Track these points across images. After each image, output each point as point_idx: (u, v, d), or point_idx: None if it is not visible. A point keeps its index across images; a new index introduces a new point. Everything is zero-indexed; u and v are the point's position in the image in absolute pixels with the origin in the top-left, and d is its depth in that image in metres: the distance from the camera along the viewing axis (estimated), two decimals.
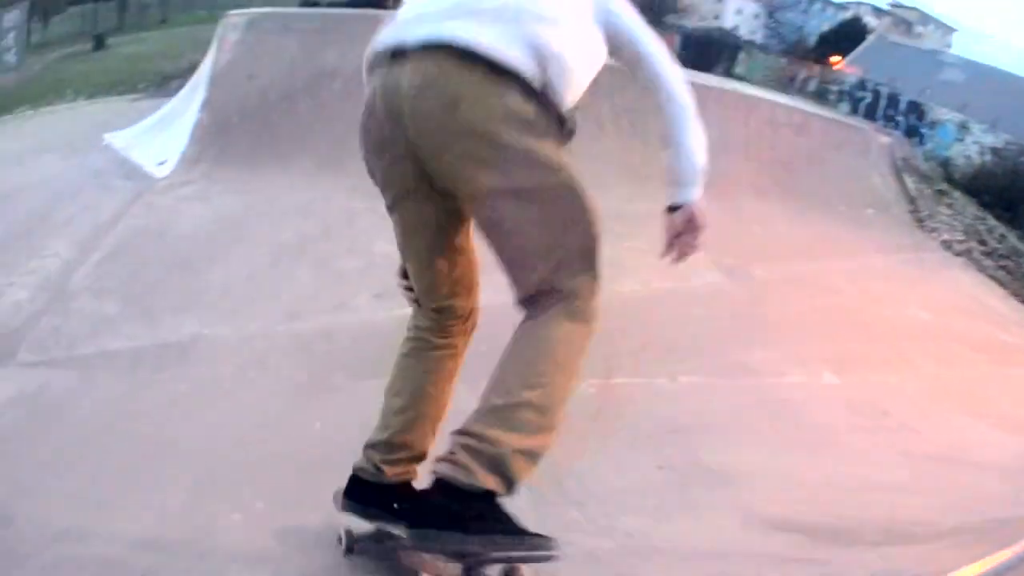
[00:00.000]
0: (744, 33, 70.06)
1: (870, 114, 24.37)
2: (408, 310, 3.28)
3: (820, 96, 26.08)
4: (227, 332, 5.54)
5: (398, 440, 2.90)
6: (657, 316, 6.61)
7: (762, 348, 6.45)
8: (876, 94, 25.02)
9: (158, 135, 10.35)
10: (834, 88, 26.44)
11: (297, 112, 9.72)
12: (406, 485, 2.91)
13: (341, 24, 10.82)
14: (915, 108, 23.88)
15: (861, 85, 25.91)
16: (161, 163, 8.91)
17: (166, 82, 17.51)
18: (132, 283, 6.24)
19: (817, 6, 75.02)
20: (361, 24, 10.41)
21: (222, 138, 9.29)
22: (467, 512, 2.31)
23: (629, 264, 6.74)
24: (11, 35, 25.91)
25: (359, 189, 7.97)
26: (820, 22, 69.07)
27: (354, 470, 2.96)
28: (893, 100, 24.67)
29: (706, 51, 31.67)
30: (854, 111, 24.89)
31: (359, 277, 6.44)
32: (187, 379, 4.84)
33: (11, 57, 25.47)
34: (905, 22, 76.53)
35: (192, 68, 13.06)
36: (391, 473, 2.88)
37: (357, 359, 5.16)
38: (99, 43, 34.05)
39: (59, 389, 4.64)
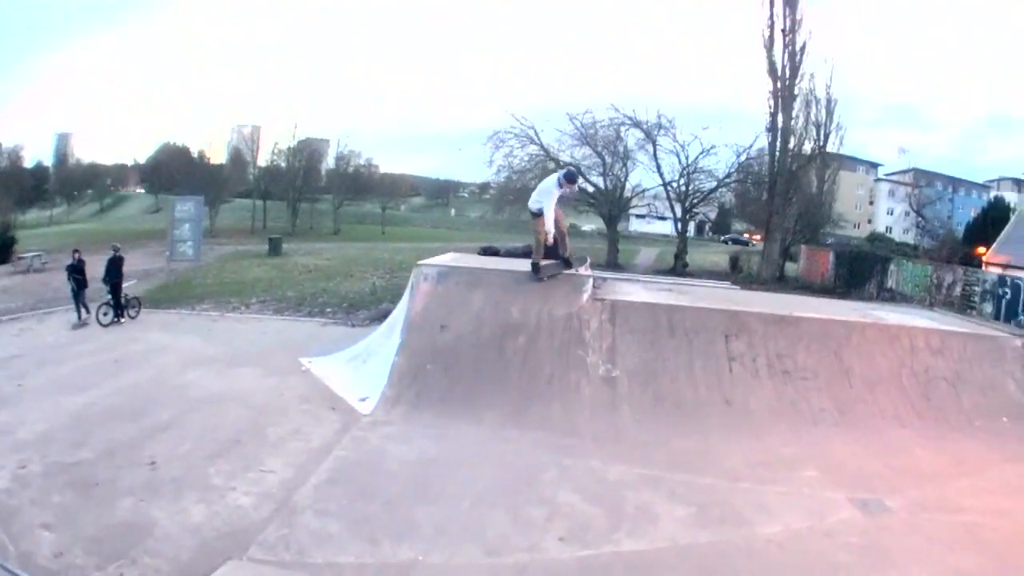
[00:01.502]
0: (897, 233, 72.09)
1: (1012, 309, 24.49)
2: None
3: (966, 299, 26.57)
4: (438, 560, 6.46)
5: None
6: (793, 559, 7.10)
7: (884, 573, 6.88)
8: (1016, 288, 25.20)
9: (357, 370, 11.67)
10: (977, 289, 26.86)
11: (485, 364, 10.90)
12: None
13: (524, 282, 12.28)
14: None
15: (1001, 282, 26.13)
16: (363, 399, 10.12)
17: (353, 311, 19.27)
18: (351, 508, 7.25)
19: (961, 193, 75.41)
20: (540, 283, 11.99)
21: (417, 383, 10.55)
22: None
23: (773, 506, 7.86)
24: (186, 227, 28.02)
25: (543, 444, 9.05)
26: (967, 208, 69.25)
27: None
28: None
29: (858, 267, 32.98)
30: (998, 309, 25.07)
31: (545, 523, 7.31)
32: None
33: (187, 249, 27.53)
34: None
35: (374, 298, 14.71)
36: None
37: None
38: (275, 248, 36.76)
39: None
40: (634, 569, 6.58)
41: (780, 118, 35.58)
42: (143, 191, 74.61)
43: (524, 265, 12.97)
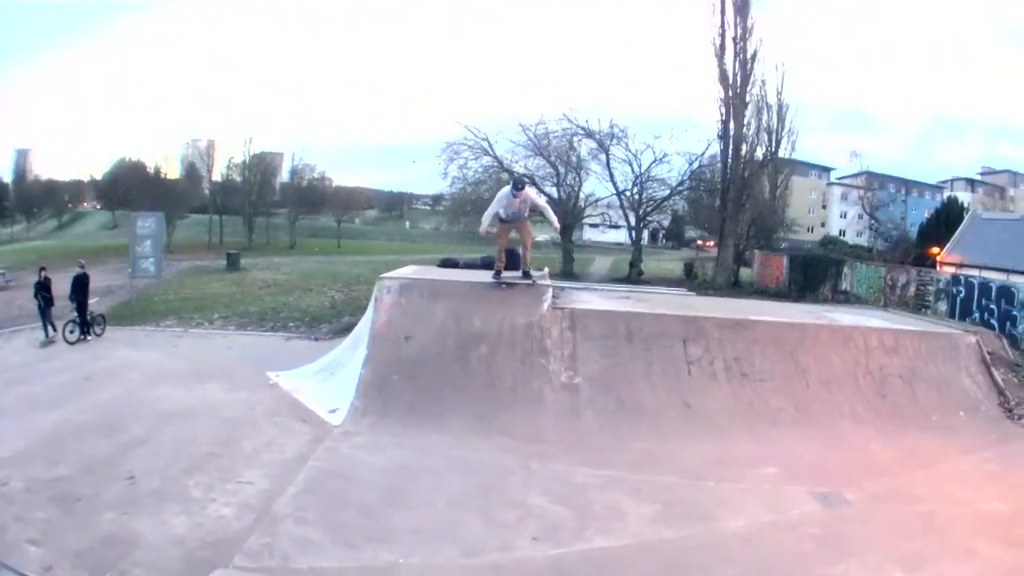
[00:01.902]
0: (851, 236, 73.78)
1: (966, 307, 25.24)
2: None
3: (920, 299, 27.36)
4: (417, 562, 6.95)
5: None
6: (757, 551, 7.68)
7: (844, 561, 7.43)
8: (970, 286, 26.00)
9: (324, 382, 12.13)
10: (931, 288, 27.66)
11: (449, 374, 11.44)
12: None
13: (484, 293, 12.83)
14: (1005, 292, 24.60)
15: (955, 281, 26.91)
16: (333, 411, 10.61)
17: (315, 324, 19.69)
18: (330, 516, 7.71)
19: (914, 194, 77.51)
20: (500, 294, 12.57)
21: (384, 394, 11.06)
22: None
23: (735, 502, 8.56)
24: (148, 243, 28.02)
25: (509, 449, 9.64)
26: (920, 210, 70.95)
27: None
28: (985, 289, 25.47)
29: (812, 270, 33.79)
30: (952, 307, 25.81)
31: (517, 524, 7.85)
32: None
33: (149, 265, 27.60)
34: (998, 188, 77.91)
35: (335, 312, 15.07)
36: None
37: None
38: (233, 263, 37.05)
39: None
40: (604, 565, 7.11)
41: (732, 125, 36.37)
42: (99, 207, 73.93)
43: (484, 276, 13.61)
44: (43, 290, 20.75)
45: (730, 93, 35.94)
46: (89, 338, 20.09)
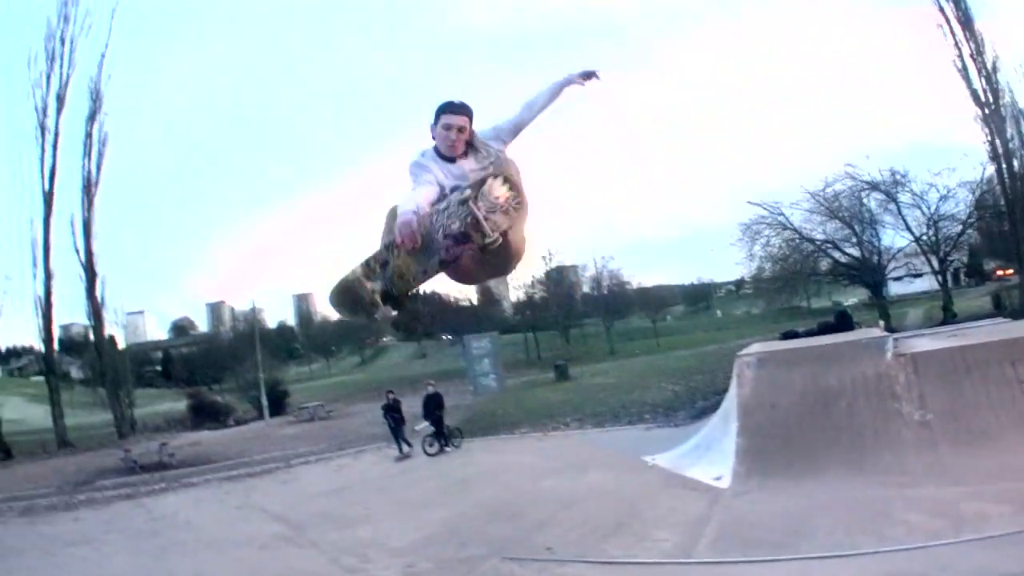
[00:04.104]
0: None
1: None
2: None
3: None
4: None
5: None
6: None
7: None
8: None
9: (701, 457, 13.50)
10: None
11: (816, 430, 12.42)
12: None
13: (837, 353, 13.68)
14: None
15: None
16: (717, 478, 11.83)
17: (670, 413, 21.16)
18: (746, 551, 8.90)
19: None
20: (853, 350, 13.30)
21: (762, 458, 12.24)
22: None
23: None
24: (486, 361, 31.17)
25: (884, 483, 10.60)
26: None
27: None
28: None
29: None
30: None
31: (906, 536, 8.71)
32: None
33: (491, 381, 30.74)
34: None
35: (679, 402, 16.34)
36: None
37: None
38: (562, 374, 39.31)
39: None
40: (981, 551, 7.85)
41: (997, 142, 35.07)
42: (394, 341, 79.82)
43: (827, 340, 14.31)
44: (392, 411, 24.10)
45: (986, 111, 34.71)
46: (448, 449, 22.83)
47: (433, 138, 5.63)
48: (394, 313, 5.66)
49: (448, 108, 5.59)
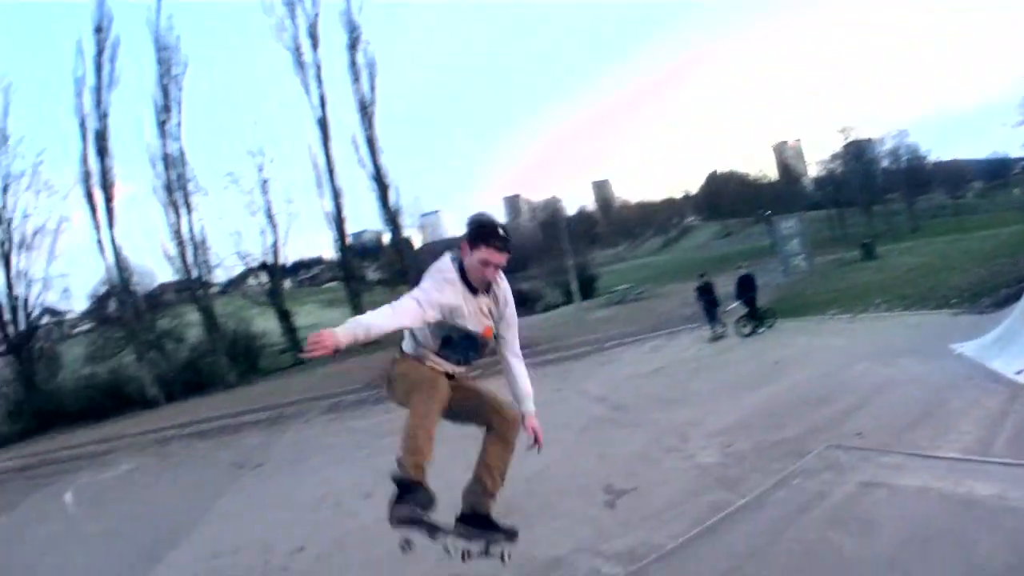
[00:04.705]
0: None
1: None
2: None
3: None
4: None
5: None
6: None
7: None
8: None
9: (1004, 349, 13.79)
10: None
11: None
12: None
13: None
14: None
15: None
16: (1018, 372, 12.58)
17: (975, 299, 21.64)
18: None
19: None
20: None
21: None
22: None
23: None
24: (795, 241, 31.40)
25: None
26: None
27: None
28: None
29: None
30: None
31: None
32: None
33: (800, 261, 31.02)
34: None
35: (986, 287, 16.48)
36: None
37: None
38: (869, 253, 39.92)
39: None
40: None
41: None
42: (697, 221, 79.63)
43: None
44: (705, 292, 25.82)
45: None
46: (761, 331, 24.40)
47: (464, 256, 5.51)
48: None
49: (494, 241, 5.42)
